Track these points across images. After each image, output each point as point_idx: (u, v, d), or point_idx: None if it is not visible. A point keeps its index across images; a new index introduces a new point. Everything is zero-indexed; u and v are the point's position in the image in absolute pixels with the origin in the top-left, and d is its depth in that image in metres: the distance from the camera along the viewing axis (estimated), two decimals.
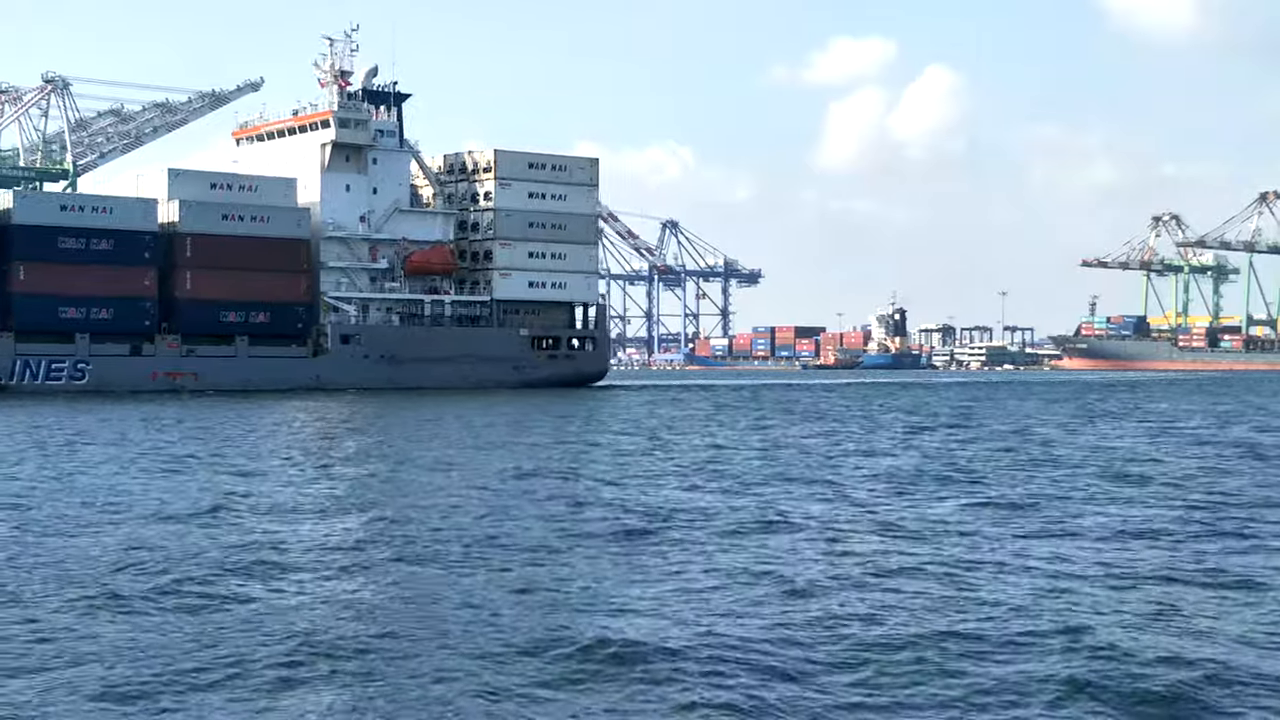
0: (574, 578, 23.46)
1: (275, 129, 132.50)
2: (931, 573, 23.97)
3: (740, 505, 34.03)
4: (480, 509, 32.96)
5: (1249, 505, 34.72)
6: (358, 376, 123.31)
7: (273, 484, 39.24)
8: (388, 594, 22.01)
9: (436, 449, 53.14)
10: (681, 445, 56.41)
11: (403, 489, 38.15)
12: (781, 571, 23.96)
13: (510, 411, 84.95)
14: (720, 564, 24.88)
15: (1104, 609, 20.83)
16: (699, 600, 21.42)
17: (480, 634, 18.88)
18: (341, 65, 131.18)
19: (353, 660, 17.44)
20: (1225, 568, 24.80)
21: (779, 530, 29.57)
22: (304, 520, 31.23)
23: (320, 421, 73.88)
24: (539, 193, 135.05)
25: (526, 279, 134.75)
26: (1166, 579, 23.57)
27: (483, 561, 25.03)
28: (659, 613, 20.38)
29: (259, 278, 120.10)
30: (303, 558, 25.56)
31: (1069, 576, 23.70)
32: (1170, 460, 49.44)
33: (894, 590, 22.28)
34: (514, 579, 23.20)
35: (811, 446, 56.01)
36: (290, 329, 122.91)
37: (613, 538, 28.26)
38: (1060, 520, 31.53)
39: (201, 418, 75.55)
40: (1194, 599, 21.80)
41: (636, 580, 23.22)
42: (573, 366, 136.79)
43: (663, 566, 24.62)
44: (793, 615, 20.27)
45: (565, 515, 31.93)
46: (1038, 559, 25.61)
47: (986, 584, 22.93)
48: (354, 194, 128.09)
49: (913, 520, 31.36)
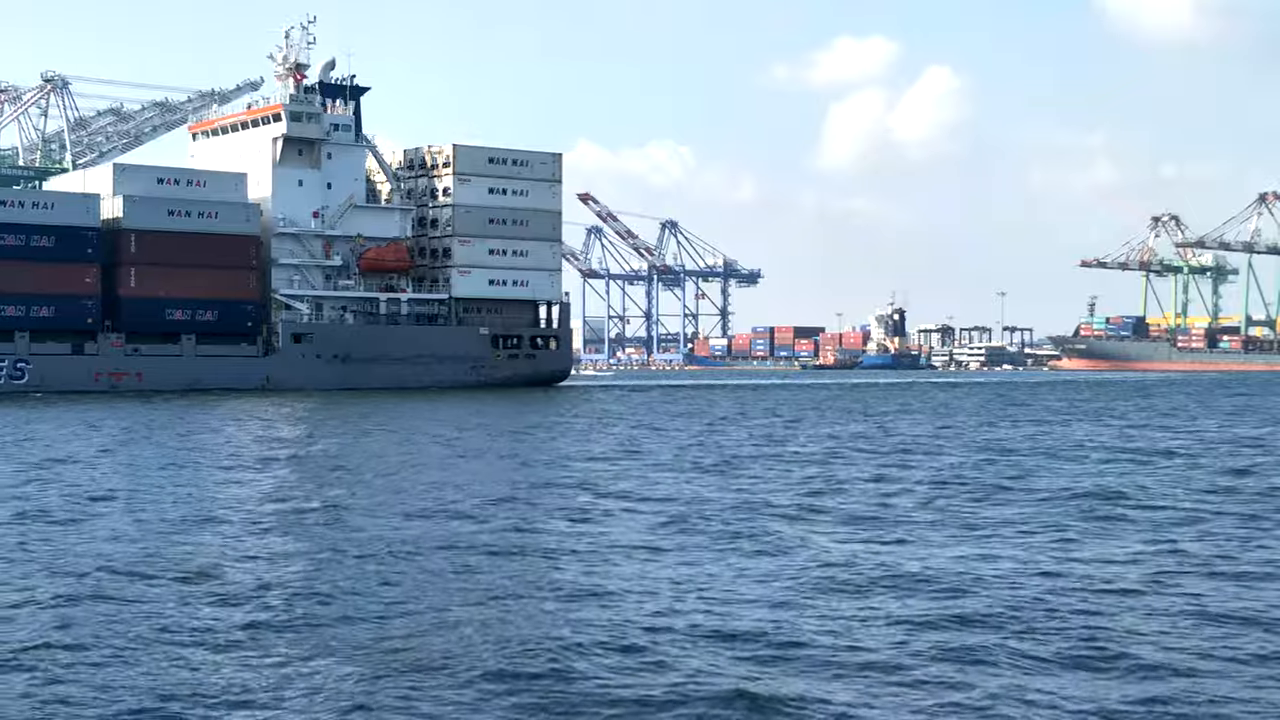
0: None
1: (229, 123, 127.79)
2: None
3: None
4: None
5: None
6: (310, 376, 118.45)
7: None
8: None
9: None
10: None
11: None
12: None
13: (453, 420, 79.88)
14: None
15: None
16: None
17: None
18: (298, 58, 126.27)
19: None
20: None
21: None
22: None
23: (239, 426, 68.88)
24: (499, 188, 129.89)
25: (486, 276, 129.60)
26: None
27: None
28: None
29: (207, 275, 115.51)
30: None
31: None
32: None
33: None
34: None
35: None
36: (239, 327, 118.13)
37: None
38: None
39: (124, 420, 70.68)
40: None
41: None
42: (533, 366, 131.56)
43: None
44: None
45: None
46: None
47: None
48: (307, 189, 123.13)
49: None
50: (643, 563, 24.69)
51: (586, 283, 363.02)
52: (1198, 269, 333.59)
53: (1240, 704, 15.55)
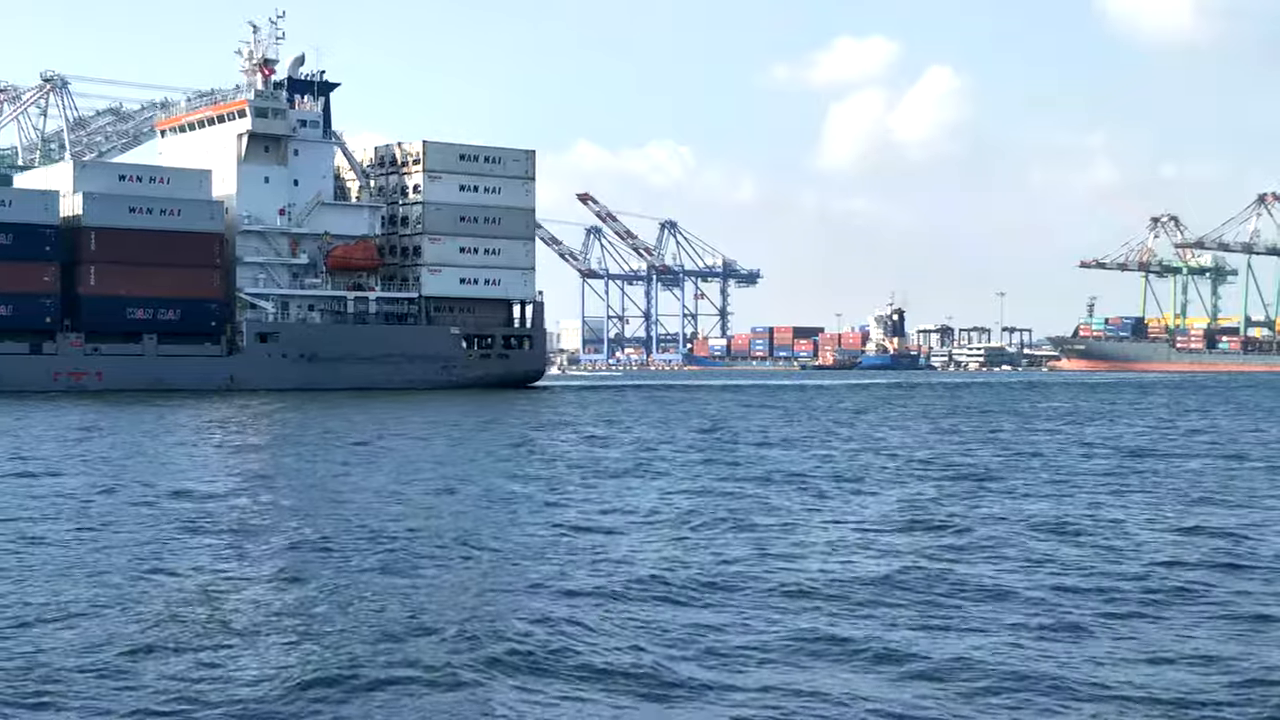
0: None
1: (195, 120, 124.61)
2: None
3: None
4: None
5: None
6: (275, 376, 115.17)
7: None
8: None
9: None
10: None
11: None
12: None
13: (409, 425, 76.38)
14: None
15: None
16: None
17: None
18: (265, 54, 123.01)
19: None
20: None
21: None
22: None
23: (175, 431, 65.45)
24: (471, 185, 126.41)
25: (458, 275, 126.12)
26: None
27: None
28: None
29: (169, 273, 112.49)
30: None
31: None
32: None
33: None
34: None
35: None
36: (202, 326, 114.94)
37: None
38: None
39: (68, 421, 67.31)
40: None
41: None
42: (506, 366, 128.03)
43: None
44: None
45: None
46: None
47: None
48: (273, 186, 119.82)
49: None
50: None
51: (586, 283, 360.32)
52: (1197, 270, 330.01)
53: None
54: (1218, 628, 19.25)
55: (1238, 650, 17.80)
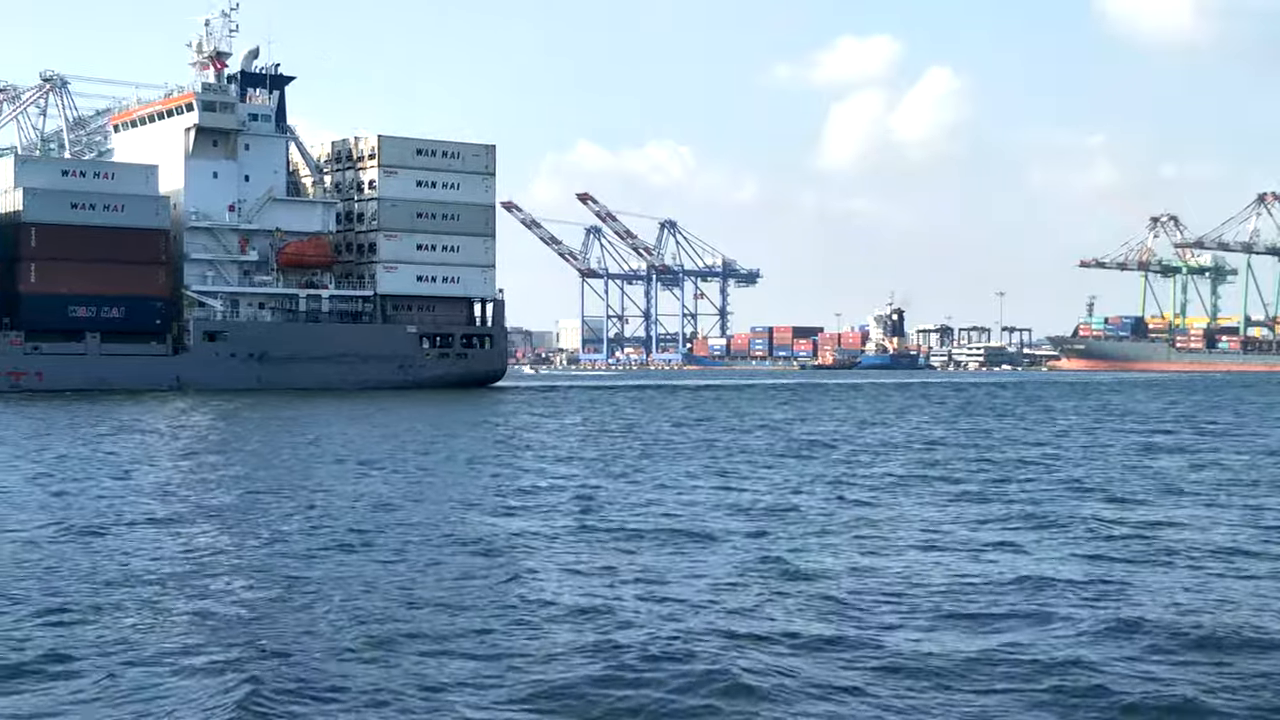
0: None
1: (146, 114, 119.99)
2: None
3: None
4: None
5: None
6: (224, 376, 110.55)
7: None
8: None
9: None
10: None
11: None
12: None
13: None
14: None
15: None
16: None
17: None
18: (218, 46, 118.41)
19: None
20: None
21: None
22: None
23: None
24: (428, 181, 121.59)
25: (414, 273, 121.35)
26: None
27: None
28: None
29: (112, 270, 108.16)
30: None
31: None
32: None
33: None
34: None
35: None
36: (147, 325, 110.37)
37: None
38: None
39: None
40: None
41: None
42: (465, 366, 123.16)
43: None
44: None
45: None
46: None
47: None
48: (222, 181, 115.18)
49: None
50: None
51: (586, 282, 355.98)
52: (1196, 269, 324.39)
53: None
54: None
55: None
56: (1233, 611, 18.71)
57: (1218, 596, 19.99)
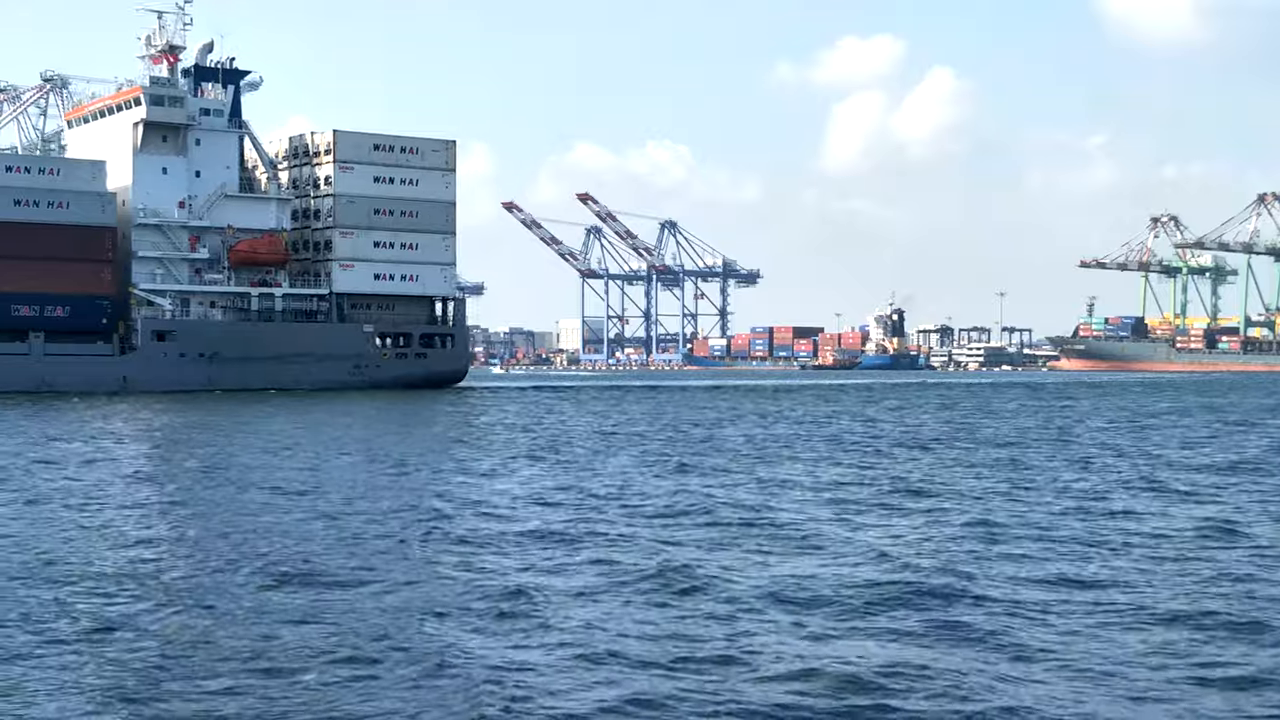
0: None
1: (95, 109, 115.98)
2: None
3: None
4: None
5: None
6: (173, 377, 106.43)
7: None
8: None
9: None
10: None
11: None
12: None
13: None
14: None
15: None
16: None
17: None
18: (171, 40, 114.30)
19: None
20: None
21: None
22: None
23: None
24: (386, 177, 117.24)
25: (371, 271, 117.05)
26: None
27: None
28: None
29: (57, 268, 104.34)
30: None
31: None
32: None
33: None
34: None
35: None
36: (93, 324, 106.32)
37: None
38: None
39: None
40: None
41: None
42: (425, 366, 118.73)
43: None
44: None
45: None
46: None
47: None
48: (171, 177, 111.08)
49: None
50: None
51: (586, 283, 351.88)
52: (1197, 270, 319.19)
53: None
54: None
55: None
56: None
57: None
